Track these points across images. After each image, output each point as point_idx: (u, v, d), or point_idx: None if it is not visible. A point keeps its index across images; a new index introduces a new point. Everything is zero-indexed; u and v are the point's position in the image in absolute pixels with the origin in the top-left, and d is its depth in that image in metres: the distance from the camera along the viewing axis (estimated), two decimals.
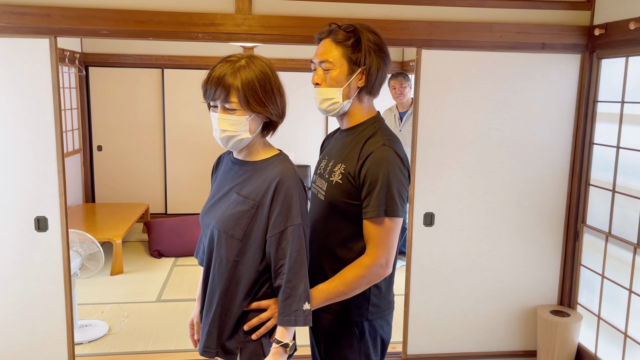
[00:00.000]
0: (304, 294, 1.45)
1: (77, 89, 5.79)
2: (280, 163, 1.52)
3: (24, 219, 2.79)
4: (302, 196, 1.50)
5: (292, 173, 1.50)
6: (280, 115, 1.55)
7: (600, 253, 3.00)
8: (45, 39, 2.69)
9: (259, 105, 1.48)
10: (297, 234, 1.46)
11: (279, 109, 1.53)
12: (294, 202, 1.47)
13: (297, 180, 1.50)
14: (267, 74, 1.49)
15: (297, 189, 1.49)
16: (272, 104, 1.50)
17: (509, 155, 3.08)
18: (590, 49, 3.00)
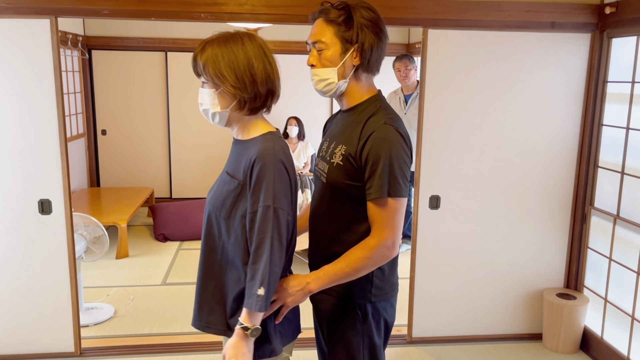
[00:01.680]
0: (260, 278, 1.40)
1: (80, 73, 5.76)
2: (264, 142, 1.47)
3: (28, 202, 2.78)
4: (278, 177, 1.43)
5: (271, 153, 1.43)
6: (250, 92, 1.46)
7: (608, 236, 2.97)
8: (46, 19, 2.65)
9: (218, 79, 1.45)
10: (266, 216, 1.41)
11: (245, 86, 1.45)
12: (265, 183, 1.41)
13: (275, 160, 1.43)
14: (237, 50, 1.45)
15: (272, 169, 1.42)
16: (234, 79, 1.44)
17: (516, 137, 3.04)
18: (600, 27, 2.93)
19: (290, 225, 1.48)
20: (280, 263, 1.44)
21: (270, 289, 1.42)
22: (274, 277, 1.42)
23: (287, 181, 1.46)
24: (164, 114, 6.16)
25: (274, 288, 1.44)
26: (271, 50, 1.53)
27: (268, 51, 1.51)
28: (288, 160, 1.49)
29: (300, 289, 1.51)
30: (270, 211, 1.41)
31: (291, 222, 1.49)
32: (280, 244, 1.43)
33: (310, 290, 1.52)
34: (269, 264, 1.40)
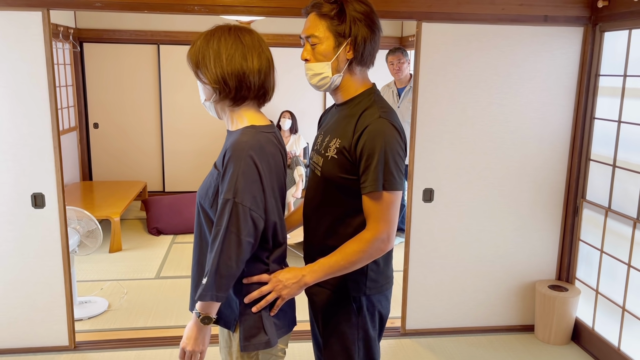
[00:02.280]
0: (207, 268, 1.43)
1: (72, 66, 5.71)
2: (240, 135, 1.47)
3: (20, 196, 2.77)
4: (243, 172, 1.41)
5: (241, 146, 1.42)
6: (218, 83, 1.47)
7: (600, 228, 3.00)
8: (38, 12, 2.63)
9: (194, 71, 1.52)
10: (224, 209, 1.41)
11: (214, 74, 1.46)
12: (230, 176, 1.42)
13: (244, 154, 1.41)
14: (212, 42, 1.47)
15: (238, 162, 1.41)
16: (204, 68, 1.47)
17: (509, 130, 3.05)
18: (593, 21, 2.95)
19: (257, 221, 1.44)
20: (236, 257, 1.42)
21: (221, 281, 1.42)
22: (224, 269, 1.42)
23: (256, 177, 1.43)
24: (156, 107, 6.13)
25: (228, 281, 1.43)
26: (256, 43, 1.51)
27: (251, 43, 1.49)
28: (264, 156, 1.45)
29: (296, 281, 1.52)
30: (229, 205, 1.41)
31: (258, 218, 1.44)
32: (238, 238, 1.42)
33: (305, 283, 1.53)
34: (218, 256, 1.41)
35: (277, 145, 1.55)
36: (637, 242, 2.71)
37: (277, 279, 1.52)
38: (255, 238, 1.46)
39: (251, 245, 1.45)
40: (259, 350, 1.53)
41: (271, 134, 1.54)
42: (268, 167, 1.47)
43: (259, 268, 1.55)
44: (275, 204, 1.52)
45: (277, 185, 1.54)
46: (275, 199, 1.53)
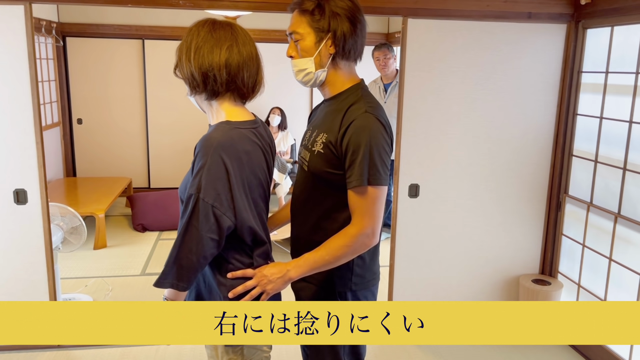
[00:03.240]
0: (167, 257, 1.47)
1: (54, 60, 5.64)
2: (212, 130, 1.47)
3: (2, 192, 2.73)
4: (209, 168, 1.40)
5: (210, 143, 1.42)
6: (185, 74, 1.50)
7: (582, 223, 3.04)
8: (20, 5, 2.59)
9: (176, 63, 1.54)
10: (188, 203, 1.43)
11: (184, 69, 1.49)
12: (196, 171, 1.43)
13: (211, 150, 1.41)
14: (187, 35, 1.50)
15: (204, 158, 1.41)
16: (180, 62, 1.51)
17: (494, 126, 3.08)
18: (576, 18, 2.98)
19: (220, 219, 1.43)
20: (196, 252, 1.44)
21: (169, 269, 1.46)
22: (185, 261, 1.44)
23: (222, 175, 1.42)
24: (141, 102, 6.07)
25: (189, 273, 1.46)
26: (232, 37, 1.49)
27: (224, 37, 1.48)
28: (234, 153, 1.44)
29: (281, 276, 1.52)
30: (192, 200, 1.42)
31: (221, 215, 1.43)
32: (198, 233, 1.42)
33: (290, 278, 1.53)
34: (178, 247, 1.44)
35: (255, 142, 1.53)
36: (618, 237, 2.76)
37: (261, 274, 1.52)
38: (219, 235, 1.45)
39: (215, 241, 1.45)
40: (243, 346, 1.54)
41: (249, 130, 1.52)
42: (239, 164, 1.46)
43: (244, 262, 1.55)
44: (247, 201, 1.50)
45: (254, 183, 1.52)
46: (248, 197, 1.50)
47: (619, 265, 2.75)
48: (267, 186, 1.61)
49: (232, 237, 1.51)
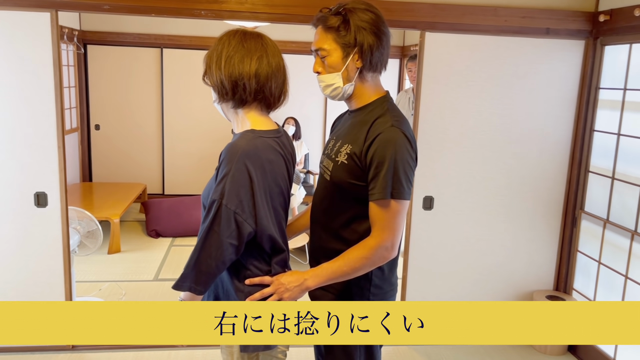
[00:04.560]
0: (187, 261, 1.49)
1: (75, 67, 5.74)
2: (238, 138, 1.50)
3: (23, 195, 2.78)
4: (233, 175, 1.43)
5: (235, 150, 1.45)
6: (215, 81, 1.53)
7: (598, 239, 3.02)
8: (46, 13, 2.66)
9: (203, 75, 1.57)
10: (210, 209, 1.45)
11: (214, 77, 1.53)
12: (221, 177, 1.45)
13: (237, 158, 1.44)
14: (217, 43, 1.54)
15: (228, 165, 1.44)
16: (209, 70, 1.54)
17: (510, 140, 3.08)
18: (594, 35, 2.99)
19: (241, 225, 1.45)
20: (215, 257, 1.46)
21: (189, 273, 1.48)
22: (204, 266, 1.47)
23: (246, 182, 1.44)
24: (158, 110, 6.15)
25: (207, 278, 1.49)
26: (262, 48, 1.54)
27: (255, 47, 1.52)
28: (258, 161, 1.47)
29: (298, 284, 1.53)
30: (215, 205, 1.44)
31: (242, 222, 1.45)
32: (219, 239, 1.45)
33: (307, 287, 1.54)
34: (198, 251, 1.47)
35: (278, 151, 1.56)
36: (634, 254, 2.74)
37: (279, 282, 1.53)
38: (239, 241, 1.47)
39: (234, 247, 1.47)
40: (259, 352, 1.55)
41: (273, 139, 1.55)
42: (262, 172, 1.48)
43: (262, 269, 1.57)
44: (268, 209, 1.52)
45: (275, 191, 1.55)
46: (269, 205, 1.52)
47: (635, 283, 2.72)
48: (287, 195, 1.63)
49: (252, 244, 1.53)
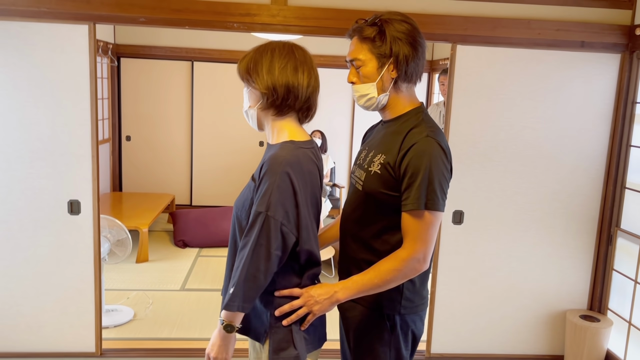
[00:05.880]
0: (235, 279, 1.45)
1: (108, 79, 5.88)
2: (279, 149, 1.49)
3: (58, 202, 2.84)
4: (278, 186, 1.42)
5: (279, 161, 1.44)
6: (267, 88, 1.51)
7: (634, 258, 2.93)
8: (84, 25, 2.73)
9: (243, 76, 1.57)
10: (255, 222, 1.43)
11: (264, 81, 1.51)
12: (264, 189, 1.43)
13: (280, 168, 1.43)
14: (264, 51, 1.54)
15: (273, 177, 1.43)
16: (255, 74, 1.53)
17: (542, 154, 3.03)
18: (630, 48, 2.93)
19: (286, 236, 1.45)
20: (264, 270, 1.44)
21: (247, 293, 1.44)
22: (254, 283, 1.44)
23: (289, 194, 1.44)
24: (187, 122, 6.24)
25: (254, 293, 1.45)
26: (307, 60, 1.57)
27: (303, 59, 1.56)
28: (301, 172, 1.47)
29: (328, 297, 1.52)
30: (261, 217, 1.43)
31: (288, 232, 1.45)
32: (267, 251, 1.43)
33: (337, 300, 1.53)
34: (246, 267, 1.43)
35: (314, 162, 1.56)
36: None
37: (309, 294, 1.52)
38: (284, 252, 1.46)
39: (279, 258, 1.46)
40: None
41: (310, 149, 1.56)
42: (304, 183, 1.48)
43: (292, 282, 1.55)
44: (310, 221, 1.52)
45: (313, 202, 1.55)
46: (310, 216, 1.52)
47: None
48: (320, 207, 1.63)
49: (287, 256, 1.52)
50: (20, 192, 2.82)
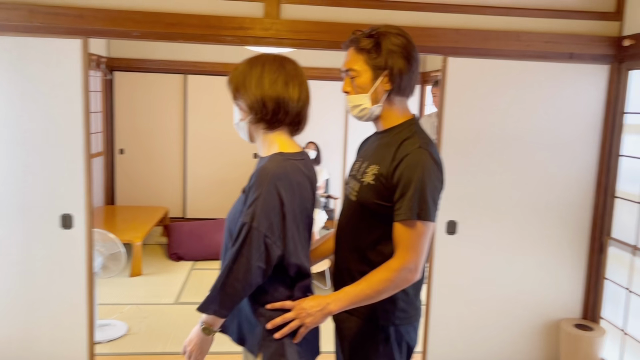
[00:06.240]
0: (214, 283, 1.47)
1: (102, 93, 5.88)
2: (268, 161, 1.50)
3: (50, 216, 2.83)
4: (264, 198, 1.43)
5: (266, 172, 1.45)
6: (257, 103, 1.51)
7: (626, 266, 2.95)
8: (77, 40, 2.74)
9: (232, 90, 1.57)
10: (240, 232, 1.44)
11: (254, 95, 1.51)
12: (251, 200, 1.45)
13: (267, 180, 1.44)
14: (255, 65, 1.54)
15: (259, 188, 1.44)
16: (243, 89, 1.53)
17: (534, 165, 3.05)
18: (618, 59, 2.97)
19: (270, 248, 1.45)
20: (242, 280, 1.45)
21: (215, 296, 1.47)
22: (230, 289, 1.46)
23: (276, 204, 1.45)
24: (181, 135, 6.25)
25: (232, 300, 1.47)
26: (298, 74, 1.58)
27: (294, 72, 1.57)
28: (289, 184, 1.47)
29: (320, 309, 1.52)
30: (245, 229, 1.44)
31: (272, 244, 1.45)
32: (248, 262, 1.44)
33: (330, 311, 1.53)
34: (226, 274, 1.45)
35: (304, 173, 1.56)
36: None
37: (300, 307, 1.52)
38: (267, 264, 1.46)
39: (262, 270, 1.46)
40: None
41: (300, 161, 1.56)
42: (292, 195, 1.48)
43: (283, 294, 1.55)
44: (297, 233, 1.52)
45: (303, 214, 1.55)
46: (297, 228, 1.52)
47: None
48: (312, 217, 1.63)
49: (276, 268, 1.52)
50: (13, 206, 2.81)
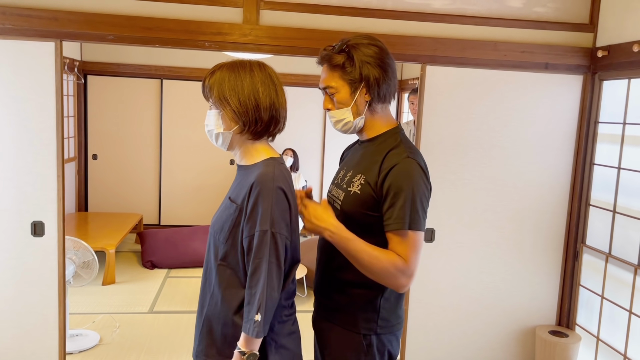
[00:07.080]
0: (257, 303, 1.40)
1: (75, 97, 5.76)
2: (264, 167, 1.49)
3: (20, 223, 2.74)
4: (276, 202, 1.44)
5: (269, 178, 1.45)
6: (252, 116, 1.48)
7: (600, 273, 3.00)
8: (50, 43, 2.67)
9: (220, 102, 1.50)
10: (263, 240, 1.42)
11: (247, 110, 1.48)
12: (263, 207, 1.42)
13: (274, 185, 1.44)
14: (244, 75, 1.49)
15: (269, 194, 1.43)
16: (237, 103, 1.48)
17: (511, 173, 3.09)
18: (592, 70, 3.03)
19: (289, 250, 1.49)
20: (278, 287, 1.44)
21: (268, 314, 1.42)
22: (272, 302, 1.42)
23: (286, 207, 1.47)
24: (156, 141, 6.15)
25: (272, 313, 1.44)
26: (280, 80, 1.58)
27: (277, 80, 1.56)
28: (288, 186, 1.50)
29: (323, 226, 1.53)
30: (268, 235, 1.42)
31: (290, 246, 1.49)
32: (279, 268, 1.44)
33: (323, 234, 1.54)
34: (265, 289, 1.41)
35: None
36: (638, 289, 2.71)
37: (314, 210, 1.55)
38: (289, 266, 1.51)
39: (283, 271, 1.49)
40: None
41: (284, 166, 1.57)
42: (292, 197, 1.51)
43: None
44: (297, 234, 1.56)
45: (295, 216, 1.57)
46: (295, 229, 1.55)
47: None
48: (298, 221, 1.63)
49: None
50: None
